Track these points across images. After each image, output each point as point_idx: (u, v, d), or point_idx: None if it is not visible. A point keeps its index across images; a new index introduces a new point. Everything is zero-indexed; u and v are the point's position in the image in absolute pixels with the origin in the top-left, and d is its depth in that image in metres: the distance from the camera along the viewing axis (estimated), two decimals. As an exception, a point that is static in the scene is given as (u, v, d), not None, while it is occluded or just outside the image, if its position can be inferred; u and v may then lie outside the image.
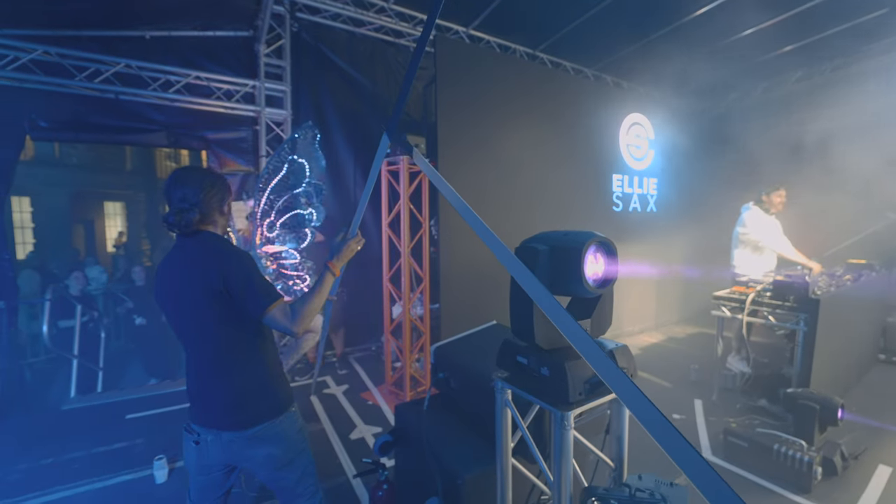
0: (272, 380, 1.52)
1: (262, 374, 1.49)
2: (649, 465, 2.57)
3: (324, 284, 1.51)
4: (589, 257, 1.19)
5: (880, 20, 4.92)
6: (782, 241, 3.90)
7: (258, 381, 1.48)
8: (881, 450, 2.84)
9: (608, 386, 0.86)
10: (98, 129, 3.81)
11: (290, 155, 3.21)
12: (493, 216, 4.11)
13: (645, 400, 0.75)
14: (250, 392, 1.46)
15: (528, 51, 5.85)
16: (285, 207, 3.01)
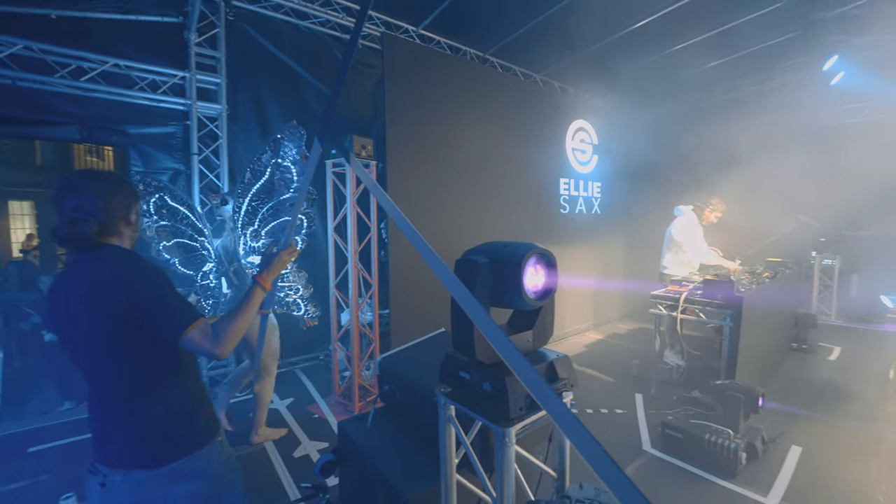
0: (193, 408, 1.36)
1: (180, 404, 1.33)
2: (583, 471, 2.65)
3: (252, 300, 1.38)
4: (529, 269, 1.17)
5: (792, 41, 5.45)
6: (703, 249, 4.20)
7: (175, 411, 1.32)
8: (794, 432, 3.13)
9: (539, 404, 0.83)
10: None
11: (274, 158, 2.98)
12: (444, 219, 4.08)
13: (575, 420, 0.72)
14: (166, 424, 1.30)
15: (479, 53, 5.88)
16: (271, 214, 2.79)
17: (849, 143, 6.43)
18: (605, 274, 6.10)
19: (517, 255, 1.15)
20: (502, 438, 1.13)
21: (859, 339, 5.43)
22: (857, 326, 5.97)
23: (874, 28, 5.05)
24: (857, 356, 4.79)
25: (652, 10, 4.83)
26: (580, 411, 3.53)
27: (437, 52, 4.73)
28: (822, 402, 3.59)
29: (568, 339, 5.62)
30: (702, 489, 2.56)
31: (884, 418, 3.35)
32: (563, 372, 1.26)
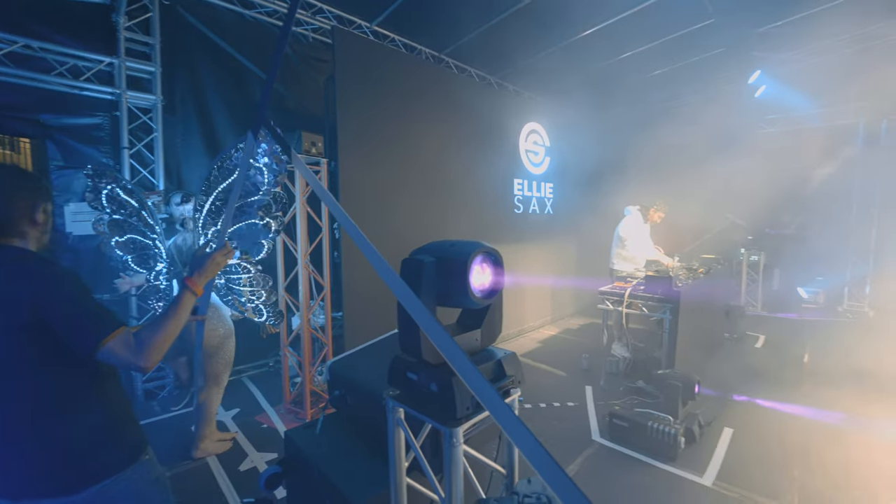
0: (113, 427, 1.24)
1: (97, 422, 1.20)
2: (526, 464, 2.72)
3: (180, 306, 1.28)
4: (476, 268, 1.17)
5: (722, 55, 5.90)
6: (646, 246, 4.47)
7: (91, 430, 1.19)
8: (726, 415, 3.39)
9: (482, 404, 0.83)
10: None
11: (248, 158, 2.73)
12: (398, 218, 4.04)
13: (516, 420, 0.72)
14: (82, 446, 1.17)
15: (434, 53, 5.87)
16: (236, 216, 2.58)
17: (770, 150, 7.08)
18: (558, 272, 6.32)
19: (463, 254, 1.14)
20: (450, 439, 1.12)
21: (781, 327, 5.99)
22: (779, 316, 6.59)
23: (791, 46, 5.60)
24: (778, 343, 5.28)
25: (599, 19, 5.05)
26: (534, 406, 3.62)
27: (391, 50, 4.67)
28: (750, 386, 3.92)
29: (525, 334, 5.75)
30: (645, 474, 2.71)
31: (800, 398, 3.71)
32: (511, 369, 1.27)
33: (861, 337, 5.43)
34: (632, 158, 7.61)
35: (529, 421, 3.38)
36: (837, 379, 4.06)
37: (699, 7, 4.82)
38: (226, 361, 2.85)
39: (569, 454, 2.90)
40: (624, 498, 2.48)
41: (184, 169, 4.03)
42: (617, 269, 4.48)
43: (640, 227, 4.48)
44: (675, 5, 4.77)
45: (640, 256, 4.44)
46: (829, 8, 4.71)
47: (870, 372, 4.16)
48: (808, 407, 3.53)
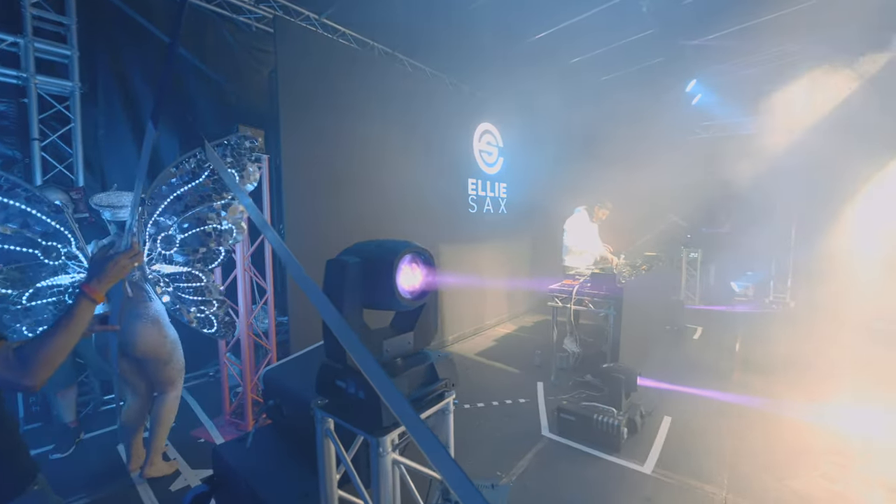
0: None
1: None
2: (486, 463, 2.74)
3: (75, 315, 1.13)
4: (404, 268, 1.12)
5: (663, 64, 6.24)
6: (591, 243, 4.64)
7: None
8: (666, 404, 3.57)
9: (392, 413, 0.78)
10: None
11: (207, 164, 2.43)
12: (346, 218, 3.92)
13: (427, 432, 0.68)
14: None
15: (388, 50, 5.77)
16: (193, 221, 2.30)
17: (706, 154, 7.59)
18: (514, 270, 6.41)
19: (390, 253, 1.09)
20: (377, 448, 1.06)
21: (716, 319, 6.43)
22: (714, 308, 7.07)
23: (723, 58, 6.02)
24: (714, 334, 5.66)
25: (551, 24, 5.18)
26: (487, 404, 3.63)
27: (341, 45, 4.53)
28: (688, 376, 4.15)
29: (482, 333, 5.78)
30: (591, 465, 2.78)
31: (732, 386, 3.99)
32: (444, 372, 1.23)
33: (784, 326, 5.94)
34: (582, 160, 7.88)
35: (482, 420, 3.39)
36: (764, 366, 4.41)
37: (640, 18, 5.06)
38: (180, 367, 2.64)
39: (519, 451, 2.93)
40: (569, 491, 2.53)
41: (107, 163, 3.68)
42: (567, 265, 4.61)
43: (586, 225, 4.63)
44: (619, 15, 4.98)
45: (587, 253, 4.59)
46: (755, 25, 5.11)
47: (792, 358, 4.55)
48: (739, 394, 3.79)
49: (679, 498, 2.46)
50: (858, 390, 3.80)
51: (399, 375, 1.11)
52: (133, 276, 2.42)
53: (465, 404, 3.63)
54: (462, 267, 5.46)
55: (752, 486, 2.53)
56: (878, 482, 2.57)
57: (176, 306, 2.39)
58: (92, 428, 3.26)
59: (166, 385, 2.58)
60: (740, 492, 2.48)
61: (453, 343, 5.28)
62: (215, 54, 4.24)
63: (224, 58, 4.39)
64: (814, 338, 5.14)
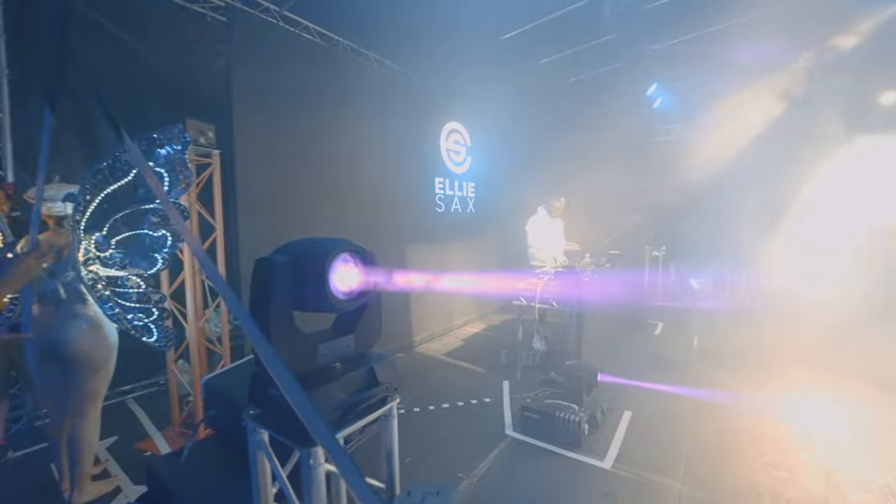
0: None
1: None
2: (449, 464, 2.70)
3: None
4: (339, 267, 1.06)
5: (626, 67, 6.40)
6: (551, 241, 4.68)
7: None
8: (626, 399, 3.64)
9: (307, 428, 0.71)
10: None
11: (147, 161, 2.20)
12: (309, 217, 3.80)
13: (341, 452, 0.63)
14: None
15: (353, 45, 5.64)
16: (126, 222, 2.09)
17: (668, 155, 7.85)
18: (482, 269, 6.41)
19: (322, 252, 1.03)
20: (307, 460, 1.00)
21: (676, 315, 6.66)
22: (675, 305, 7.32)
23: (682, 63, 6.23)
24: (674, 330, 5.86)
25: (519, 24, 5.20)
26: (452, 405, 3.59)
27: (304, 39, 4.38)
28: (648, 371, 4.26)
29: (451, 333, 5.75)
30: (552, 463, 2.79)
31: (689, 379, 4.12)
32: (385, 376, 1.18)
33: (739, 321, 6.22)
34: (551, 160, 8.01)
35: (446, 420, 3.35)
36: (720, 360, 4.59)
37: (602, 22, 5.16)
38: (108, 379, 2.42)
39: (482, 451, 2.90)
40: (530, 489, 2.52)
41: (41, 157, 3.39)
42: (533, 264, 4.65)
43: (548, 224, 4.69)
44: (584, 19, 5.06)
45: (547, 251, 4.66)
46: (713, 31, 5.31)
47: (746, 352, 4.77)
48: (696, 388, 3.91)
49: (636, 492, 2.50)
50: (803, 381, 4.02)
51: (334, 381, 1.05)
52: (67, 277, 2.23)
53: (430, 405, 3.58)
54: (430, 266, 5.42)
55: (705, 476, 2.61)
56: (818, 467, 2.70)
57: (115, 311, 2.22)
58: (23, 445, 3.00)
59: (86, 403, 2.31)
60: (695, 483, 2.55)
61: (421, 343, 5.23)
62: (166, 44, 4.00)
63: (176, 48, 4.15)
64: (765, 332, 5.41)
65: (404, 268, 5.02)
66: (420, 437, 3.11)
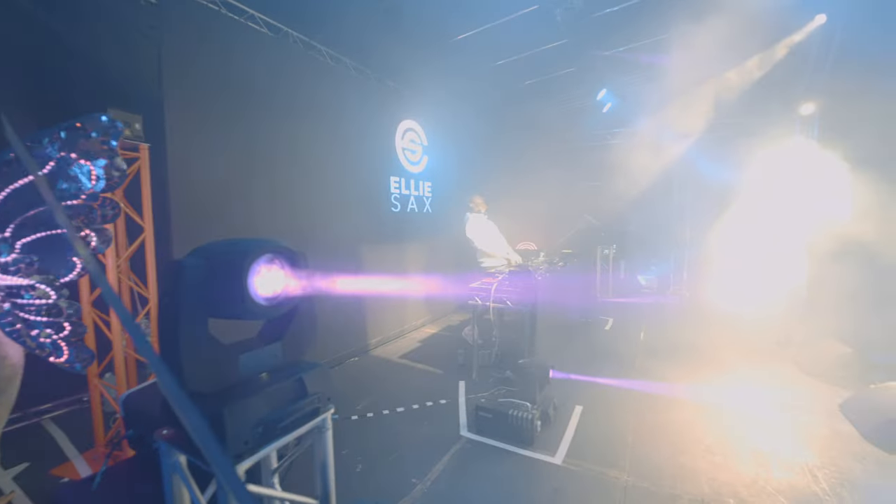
0: None
1: None
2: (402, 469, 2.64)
3: None
4: (262, 269, 0.97)
5: (577, 72, 6.61)
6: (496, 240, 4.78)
7: None
8: (577, 394, 3.74)
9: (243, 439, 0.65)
10: None
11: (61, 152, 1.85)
12: (252, 218, 3.59)
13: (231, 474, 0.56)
14: None
15: (304, 38, 5.42)
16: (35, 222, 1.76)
17: (617, 158, 8.20)
18: (439, 270, 6.38)
19: (240, 254, 0.94)
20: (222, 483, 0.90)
21: (625, 310, 6.97)
22: (624, 301, 7.68)
23: (629, 70, 6.53)
24: (623, 324, 6.12)
25: (474, 24, 5.21)
26: (407, 409, 3.53)
27: (251, 29, 4.13)
28: (599, 365, 4.41)
29: (406, 335, 5.67)
30: (505, 461, 2.80)
31: (635, 372, 4.30)
32: (316, 385, 1.10)
33: (681, 315, 6.62)
34: (507, 161, 8.15)
35: (401, 425, 3.29)
36: (664, 352, 4.84)
37: (553, 27, 5.29)
38: (10, 403, 2.13)
39: (436, 453, 2.87)
40: (484, 490, 2.52)
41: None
42: (484, 266, 4.69)
43: (485, 224, 4.76)
44: (537, 23, 5.16)
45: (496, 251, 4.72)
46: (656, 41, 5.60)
47: (687, 344, 5.06)
48: (641, 380, 4.09)
49: (585, 485, 2.56)
50: (738, 371, 4.33)
51: (257, 394, 0.96)
52: None
53: (385, 410, 3.50)
54: (385, 267, 5.31)
55: (649, 466, 2.72)
56: (749, 449, 2.90)
57: (14, 326, 1.96)
58: None
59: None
60: (640, 473, 2.65)
61: (377, 346, 5.12)
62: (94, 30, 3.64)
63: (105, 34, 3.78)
64: (703, 325, 5.79)
65: (359, 269, 4.89)
66: (374, 443, 3.02)
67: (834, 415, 3.36)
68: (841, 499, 2.40)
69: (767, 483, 2.55)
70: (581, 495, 2.47)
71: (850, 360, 4.18)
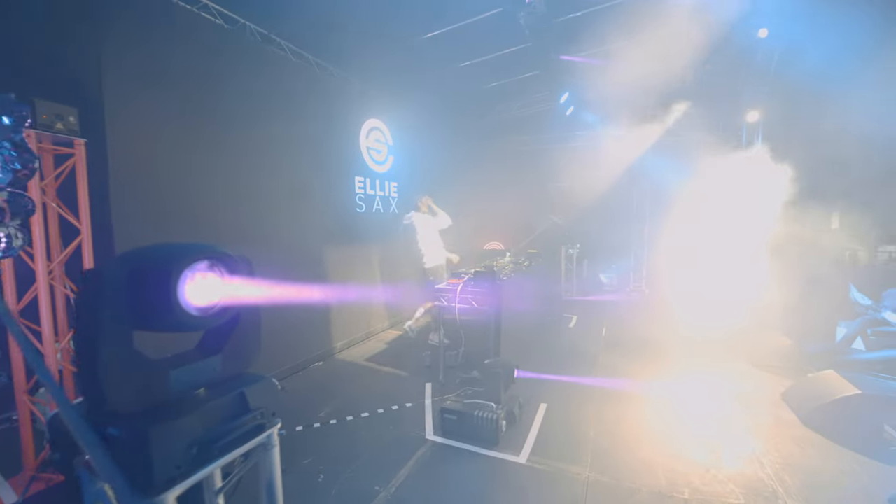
0: None
1: None
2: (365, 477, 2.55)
3: None
4: (196, 276, 0.90)
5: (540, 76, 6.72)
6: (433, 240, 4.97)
7: None
8: (542, 392, 3.80)
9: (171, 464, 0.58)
10: None
11: None
12: (204, 221, 3.41)
13: None
14: None
15: (263, 31, 5.20)
16: None
17: (581, 160, 8.43)
18: (407, 270, 6.30)
19: (167, 260, 0.86)
20: (150, 513, 0.83)
21: (588, 308, 7.17)
22: (587, 299, 7.90)
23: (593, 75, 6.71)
24: (586, 322, 6.29)
25: (439, 25, 5.18)
26: (372, 413, 3.46)
27: (204, 19, 3.91)
28: (563, 363, 4.50)
29: (373, 337, 5.58)
30: (471, 463, 2.79)
31: (598, 368, 4.42)
32: (260, 400, 1.04)
33: (641, 311, 6.88)
34: (474, 162, 8.19)
35: (366, 430, 3.21)
36: (625, 348, 5.00)
37: (518, 31, 5.35)
38: None
39: (400, 459, 2.82)
40: (446, 494, 2.50)
41: None
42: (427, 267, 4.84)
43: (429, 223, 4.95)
44: (501, 25, 5.20)
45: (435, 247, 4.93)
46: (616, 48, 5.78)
47: (646, 339, 5.25)
48: (603, 376, 4.20)
49: (549, 483, 2.59)
50: (689, 363, 4.53)
51: (191, 413, 0.88)
52: None
53: (349, 416, 3.41)
54: (351, 269, 5.19)
55: (610, 461, 2.79)
56: (702, 440, 3.04)
57: None
58: None
59: None
60: (601, 468, 2.71)
61: (342, 350, 4.99)
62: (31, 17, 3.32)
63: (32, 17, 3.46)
64: (660, 320, 6.04)
65: (323, 271, 4.75)
66: (337, 451, 2.93)
67: (777, 403, 3.59)
68: (784, 483, 2.55)
69: (719, 472, 2.67)
70: (545, 494, 2.50)
71: (791, 351, 4.48)
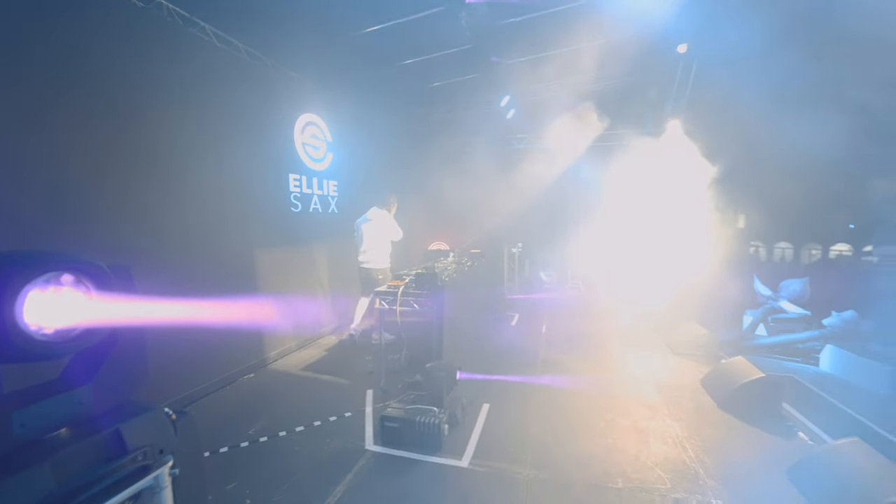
0: None
1: None
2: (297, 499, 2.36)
3: None
4: (50, 291, 0.72)
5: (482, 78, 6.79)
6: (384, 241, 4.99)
7: None
8: (484, 392, 3.80)
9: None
10: None
11: None
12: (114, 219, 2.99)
13: None
14: None
15: (185, 13, 4.70)
16: None
17: (521, 161, 8.67)
18: (345, 273, 6.06)
19: (0, 273, 0.68)
20: None
21: (529, 306, 7.38)
22: (528, 297, 8.14)
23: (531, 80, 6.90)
24: (527, 319, 6.46)
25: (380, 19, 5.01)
26: (308, 426, 3.24)
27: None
28: (505, 361, 4.55)
29: (313, 343, 5.28)
30: (413, 472, 2.70)
31: (539, 365, 4.53)
32: (142, 437, 0.87)
33: (577, 308, 7.21)
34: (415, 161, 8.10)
35: (301, 445, 3.00)
36: (562, 344, 5.19)
37: (459, 32, 5.34)
38: None
39: (337, 473, 2.65)
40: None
41: None
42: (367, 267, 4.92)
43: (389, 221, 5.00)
44: (442, 25, 5.15)
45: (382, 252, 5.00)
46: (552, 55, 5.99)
47: (582, 334, 5.49)
48: (542, 373, 4.31)
49: (491, 485, 2.57)
50: (620, 356, 4.81)
51: (40, 462, 0.70)
52: None
53: (282, 431, 3.17)
54: (286, 272, 4.87)
55: (549, 458, 2.84)
56: (633, 429, 3.20)
57: None
58: None
59: None
60: (541, 465, 2.75)
61: (276, 359, 4.66)
62: None
63: None
64: (595, 316, 6.36)
65: (254, 275, 4.40)
66: (267, 472, 2.70)
67: (697, 389, 3.90)
68: (704, 464, 2.75)
69: (648, 458, 2.83)
70: (487, 496, 2.47)
71: (707, 340, 4.91)
